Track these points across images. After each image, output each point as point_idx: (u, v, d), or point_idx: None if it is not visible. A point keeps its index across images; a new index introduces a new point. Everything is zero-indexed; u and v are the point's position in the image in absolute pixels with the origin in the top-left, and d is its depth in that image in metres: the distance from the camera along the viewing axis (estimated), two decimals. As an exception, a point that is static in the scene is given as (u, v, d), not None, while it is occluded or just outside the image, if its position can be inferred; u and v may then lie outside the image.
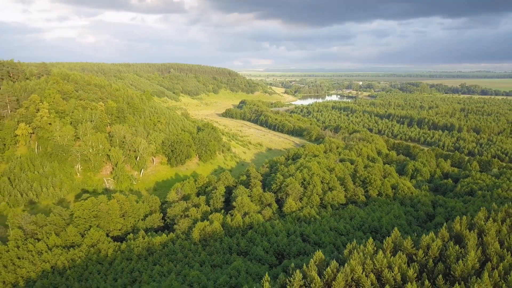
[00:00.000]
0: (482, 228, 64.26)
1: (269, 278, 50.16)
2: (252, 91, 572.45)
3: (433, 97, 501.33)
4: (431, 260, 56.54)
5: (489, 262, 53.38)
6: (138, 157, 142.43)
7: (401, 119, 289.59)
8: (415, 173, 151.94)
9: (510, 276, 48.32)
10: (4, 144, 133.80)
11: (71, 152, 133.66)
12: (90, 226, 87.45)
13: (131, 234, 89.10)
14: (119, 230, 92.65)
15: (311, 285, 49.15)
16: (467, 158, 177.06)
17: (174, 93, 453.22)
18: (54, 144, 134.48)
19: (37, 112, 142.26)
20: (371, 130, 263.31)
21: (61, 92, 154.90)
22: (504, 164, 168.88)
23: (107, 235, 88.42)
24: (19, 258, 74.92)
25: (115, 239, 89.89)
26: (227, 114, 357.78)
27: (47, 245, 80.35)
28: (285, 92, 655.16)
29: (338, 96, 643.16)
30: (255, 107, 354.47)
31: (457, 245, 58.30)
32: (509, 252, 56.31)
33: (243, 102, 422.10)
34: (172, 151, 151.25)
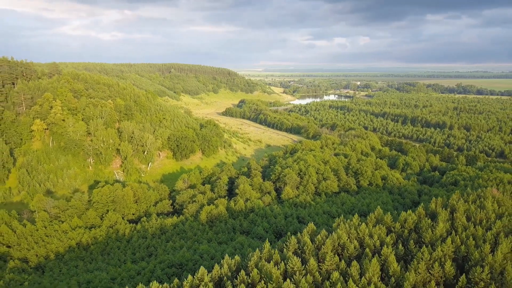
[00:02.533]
0: (454, 207, 75.08)
1: (269, 243, 60.26)
2: (251, 91, 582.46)
3: (429, 96, 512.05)
4: (406, 230, 67.14)
5: (453, 231, 63.95)
6: (145, 152, 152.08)
7: (396, 118, 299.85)
8: (406, 166, 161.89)
9: (469, 240, 58.77)
10: (21, 139, 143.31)
11: (84, 146, 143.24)
12: (108, 210, 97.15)
13: (144, 217, 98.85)
14: (133, 214, 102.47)
15: (304, 248, 59.31)
16: (455, 153, 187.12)
17: (175, 92, 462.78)
18: (68, 139, 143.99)
19: (50, 109, 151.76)
20: (366, 128, 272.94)
21: (72, 91, 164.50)
22: (489, 159, 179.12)
23: (122, 218, 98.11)
24: (47, 236, 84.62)
25: (130, 222, 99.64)
26: (227, 113, 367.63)
27: (70, 226, 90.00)
28: (284, 92, 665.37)
29: (336, 96, 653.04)
30: (254, 106, 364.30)
31: (430, 220, 68.82)
32: (473, 224, 66.92)
33: (242, 101, 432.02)
34: (177, 146, 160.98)
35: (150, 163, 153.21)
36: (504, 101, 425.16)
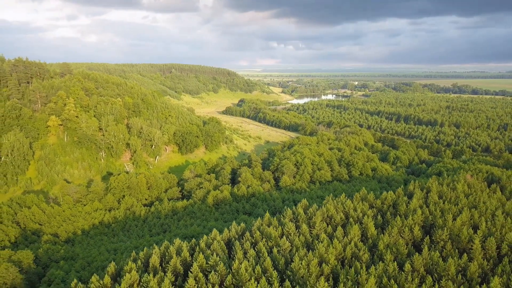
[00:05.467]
0: (429, 188, 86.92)
1: (268, 214, 71.75)
2: (251, 91, 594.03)
3: (424, 96, 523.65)
4: (385, 206, 79.00)
5: (425, 206, 75.61)
6: (153, 146, 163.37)
7: (390, 116, 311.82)
8: (396, 160, 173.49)
9: (436, 212, 70.33)
10: (38, 134, 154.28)
11: (96, 140, 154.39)
12: (124, 195, 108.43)
13: (156, 202, 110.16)
14: (146, 199, 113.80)
15: (298, 218, 70.87)
16: (443, 148, 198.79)
17: (176, 92, 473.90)
18: (81, 133, 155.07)
19: (64, 106, 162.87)
20: (361, 126, 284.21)
21: (84, 89, 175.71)
22: (475, 153, 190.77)
23: (137, 202, 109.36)
24: (73, 216, 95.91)
25: (144, 206, 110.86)
26: (228, 111, 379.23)
27: (92, 208, 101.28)
28: (282, 92, 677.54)
29: (334, 95, 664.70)
30: (253, 105, 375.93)
31: (407, 198, 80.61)
32: (443, 201, 78.78)
33: (242, 100, 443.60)
34: (182, 141, 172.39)
35: (157, 157, 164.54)
36: (496, 100, 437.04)
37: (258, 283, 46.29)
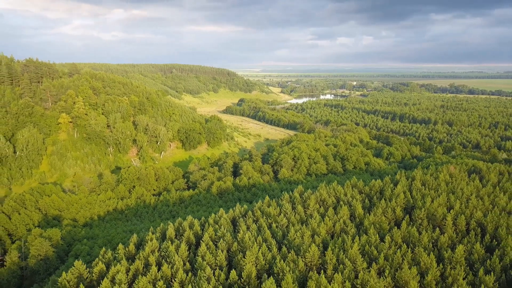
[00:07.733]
0: (414, 177, 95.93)
1: (268, 197, 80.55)
2: (250, 90, 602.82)
3: (420, 96, 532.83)
4: (373, 192, 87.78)
5: (408, 191, 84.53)
6: (159, 142, 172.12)
7: (386, 115, 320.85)
8: (389, 156, 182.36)
9: (417, 196, 79.22)
10: (50, 130, 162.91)
11: (105, 137, 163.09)
12: (134, 186, 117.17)
13: (164, 192, 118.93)
14: (154, 190, 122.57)
15: (294, 200, 79.62)
16: (435, 145, 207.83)
17: (177, 92, 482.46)
18: (91, 130, 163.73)
19: (74, 105, 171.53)
20: (358, 124, 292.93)
21: (92, 88, 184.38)
22: (465, 150, 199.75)
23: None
24: (88, 203, 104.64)
25: (153, 195, 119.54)
26: (228, 110, 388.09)
27: (105, 197, 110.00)
28: (281, 92, 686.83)
29: (332, 95, 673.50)
30: (253, 104, 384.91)
31: (393, 185, 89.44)
32: (424, 187, 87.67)
33: (241, 100, 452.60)
34: (186, 137, 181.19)
35: (162, 152, 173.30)
36: (491, 100, 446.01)
37: (260, 248, 55.08)
